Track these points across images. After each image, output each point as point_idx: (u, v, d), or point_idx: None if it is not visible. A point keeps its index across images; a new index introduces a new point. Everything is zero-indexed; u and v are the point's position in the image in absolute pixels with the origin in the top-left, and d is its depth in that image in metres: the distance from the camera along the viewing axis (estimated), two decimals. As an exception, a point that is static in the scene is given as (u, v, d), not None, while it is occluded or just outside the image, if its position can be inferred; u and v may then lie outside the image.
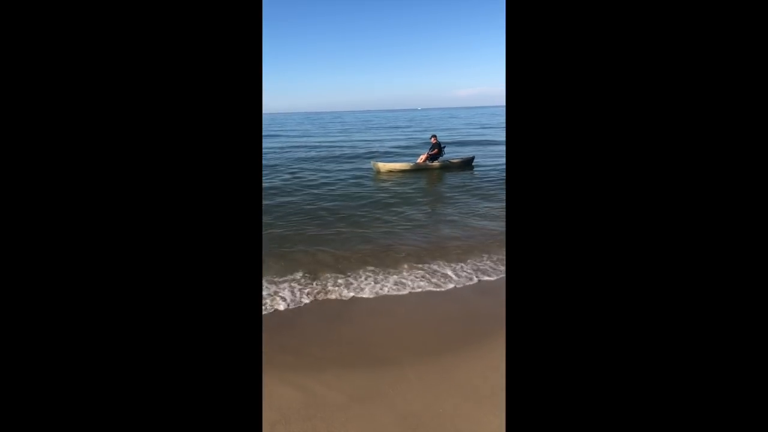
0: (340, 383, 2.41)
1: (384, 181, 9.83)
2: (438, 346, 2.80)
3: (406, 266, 4.32)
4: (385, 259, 4.52)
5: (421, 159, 10.90)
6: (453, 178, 9.70)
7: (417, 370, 2.52)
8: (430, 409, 2.17)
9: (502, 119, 37.85)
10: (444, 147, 11.11)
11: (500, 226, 5.85)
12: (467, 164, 11.20)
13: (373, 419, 2.10)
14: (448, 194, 8.12)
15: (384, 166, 10.99)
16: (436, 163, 10.79)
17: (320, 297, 3.64)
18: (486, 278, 4.03)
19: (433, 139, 11.04)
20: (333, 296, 3.65)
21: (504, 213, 6.37)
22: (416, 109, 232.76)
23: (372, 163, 11.41)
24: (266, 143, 18.85)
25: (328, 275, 4.08)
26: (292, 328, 3.09)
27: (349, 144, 19.00)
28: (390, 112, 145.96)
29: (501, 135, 20.99)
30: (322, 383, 2.41)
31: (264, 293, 3.60)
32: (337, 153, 15.49)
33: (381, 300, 3.60)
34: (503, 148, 14.70)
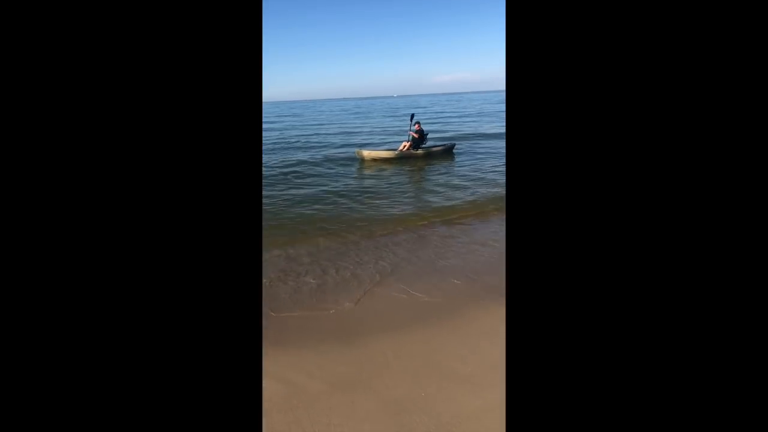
0: (321, 373, 2.40)
1: (369, 168, 9.76)
2: (419, 332, 2.82)
3: (385, 250, 4.32)
4: (364, 242, 4.52)
5: (404, 146, 10.83)
6: (435, 166, 9.69)
7: (398, 356, 2.53)
8: (411, 393, 2.18)
9: (481, 107, 37.81)
10: (426, 134, 11.07)
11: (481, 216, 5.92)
12: (448, 152, 11.30)
13: (356, 407, 2.11)
14: (432, 184, 8.10)
15: (368, 154, 10.89)
16: (419, 151, 10.76)
17: (296, 285, 3.61)
18: (466, 262, 4.08)
19: (416, 126, 10.97)
20: (310, 283, 3.63)
21: (477, 198, 6.46)
22: (392, 96, 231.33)
23: (356, 152, 11.28)
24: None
25: (305, 261, 4.04)
26: (268, 317, 3.05)
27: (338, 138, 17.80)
28: (366, 99, 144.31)
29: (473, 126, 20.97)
30: (303, 373, 2.39)
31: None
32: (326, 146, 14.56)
33: (359, 284, 3.59)
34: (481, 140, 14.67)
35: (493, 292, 3.30)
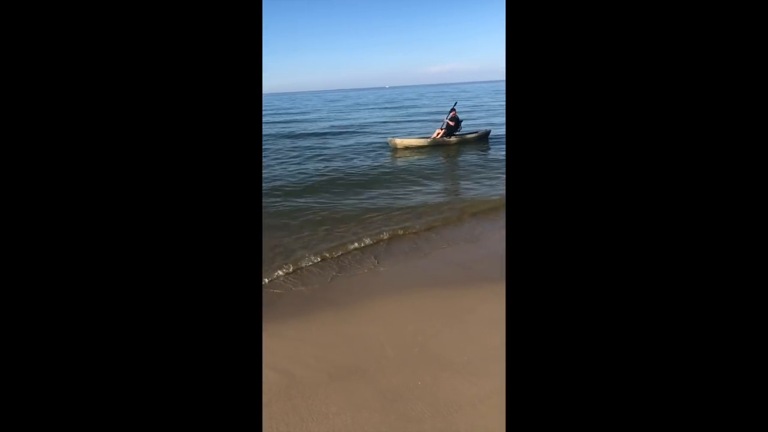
0: (319, 364, 2.41)
1: (401, 158, 9.66)
2: (416, 321, 2.84)
3: (385, 240, 4.33)
4: (366, 235, 4.53)
5: (437, 134, 10.71)
6: (470, 154, 9.65)
7: (394, 346, 2.55)
8: (408, 382, 2.21)
9: (478, 99, 37.44)
10: (462, 121, 10.95)
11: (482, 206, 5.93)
12: (483, 138, 11.15)
13: (353, 395, 2.13)
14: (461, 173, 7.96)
15: (401, 142, 10.79)
16: (452, 138, 10.68)
17: (294, 278, 3.61)
18: (464, 252, 4.10)
19: (452, 113, 10.83)
20: (307, 276, 3.63)
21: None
22: (384, 88, 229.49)
23: (389, 140, 11.19)
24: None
25: (302, 255, 4.05)
26: (266, 311, 3.06)
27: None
28: (357, 91, 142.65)
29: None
30: (301, 365, 2.41)
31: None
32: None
33: (358, 276, 3.60)
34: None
35: (489, 282, 3.33)
